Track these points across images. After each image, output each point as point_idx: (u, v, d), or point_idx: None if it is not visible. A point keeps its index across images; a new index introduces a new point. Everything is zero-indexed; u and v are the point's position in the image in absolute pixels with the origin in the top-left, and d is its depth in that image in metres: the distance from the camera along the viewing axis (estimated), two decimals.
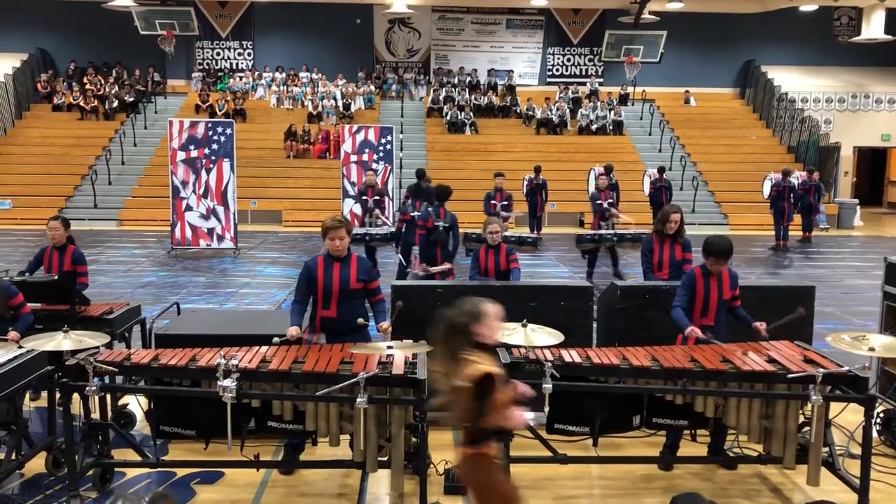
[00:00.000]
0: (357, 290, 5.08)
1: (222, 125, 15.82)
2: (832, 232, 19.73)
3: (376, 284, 5.20)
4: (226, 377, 4.21)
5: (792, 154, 23.34)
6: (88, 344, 4.48)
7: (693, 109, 26.10)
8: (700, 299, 5.16)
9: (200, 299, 10.77)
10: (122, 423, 5.68)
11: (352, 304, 5.08)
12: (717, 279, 5.16)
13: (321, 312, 5.07)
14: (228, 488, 4.98)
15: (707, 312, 5.17)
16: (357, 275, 5.07)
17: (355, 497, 4.88)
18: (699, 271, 5.22)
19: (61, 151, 22.44)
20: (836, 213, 21.02)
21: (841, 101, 25.91)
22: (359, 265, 5.12)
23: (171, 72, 26.37)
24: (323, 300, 5.06)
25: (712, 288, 5.16)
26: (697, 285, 5.17)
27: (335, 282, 5.01)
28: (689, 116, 25.51)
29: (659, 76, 26.02)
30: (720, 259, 5.10)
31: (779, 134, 24.53)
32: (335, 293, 5.02)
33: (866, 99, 25.93)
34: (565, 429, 4.89)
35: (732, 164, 22.89)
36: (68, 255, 6.60)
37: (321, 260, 5.11)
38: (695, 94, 26.42)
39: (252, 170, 20.84)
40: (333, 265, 5.05)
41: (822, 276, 12.87)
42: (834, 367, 4.52)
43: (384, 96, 26.22)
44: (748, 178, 21.38)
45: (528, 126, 24.64)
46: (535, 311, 5.52)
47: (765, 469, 5.28)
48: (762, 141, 24.55)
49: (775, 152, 23.75)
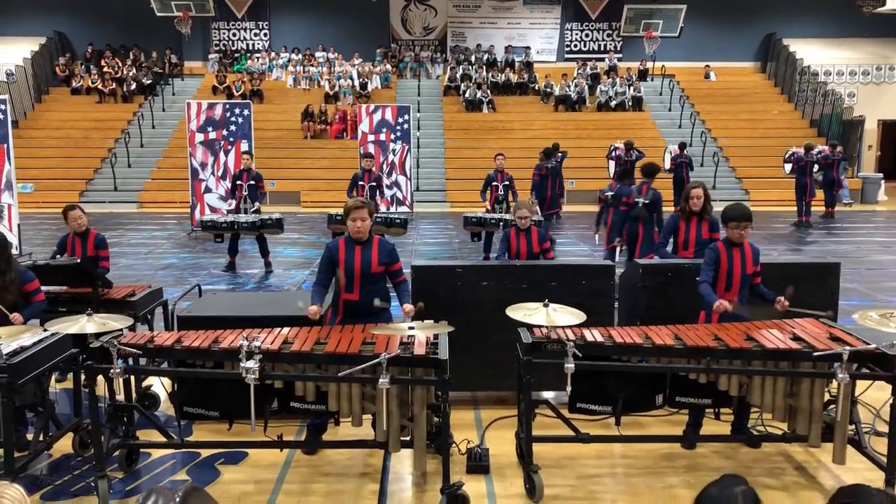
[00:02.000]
0: (379, 272, 5.07)
1: (240, 106, 15.84)
2: (856, 207, 19.48)
3: (398, 266, 5.18)
4: (248, 359, 4.22)
5: (814, 128, 23.02)
6: (112, 326, 4.51)
7: (713, 84, 25.77)
8: (724, 273, 5.10)
9: (221, 281, 10.83)
10: (147, 405, 5.74)
11: (374, 286, 5.07)
12: (741, 252, 5.09)
13: (344, 295, 5.07)
14: (252, 468, 5.02)
15: (731, 287, 5.11)
16: (379, 257, 5.05)
17: (378, 476, 4.90)
18: (722, 245, 5.16)
19: (81, 135, 22.58)
20: (860, 188, 20.75)
21: (865, 73, 25.49)
22: (380, 248, 5.10)
23: (187, 53, 26.40)
24: (346, 283, 5.05)
25: (735, 262, 5.09)
26: (722, 258, 5.11)
27: (357, 265, 5.00)
28: (710, 91, 25.19)
29: (678, 51, 25.69)
30: (741, 223, 5.03)
31: (801, 108, 24.18)
32: (357, 276, 5.01)
33: (891, 71, 25.50)
34: (587, 408, 4.86)
35: (753, 140, 22.62)
36: (90, 240, 6.66)
37: (342, 243, 5.09)
38: (715, 69, 26.07)
39: (270, 151, 20.87)
40: (355, 248, 5.04)
41: (846, 252, 12.72)
42: (861, 345, 4.46)
43: (401, 75, 26.10)
44: (769, 154, 21.13)
45: (547, 103, 24.45)
46: (556, 290, 5.50)
47: (789, 447, 5.24)
48: (784, 115, 24.22)
49: (797, 127, 23.43)
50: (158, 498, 1.46)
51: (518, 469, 4.91)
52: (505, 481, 4.80)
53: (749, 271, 5.13)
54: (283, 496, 4.64)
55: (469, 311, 5.74)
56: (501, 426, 5.54)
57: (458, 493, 4.35)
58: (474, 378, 5.84)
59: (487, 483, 4.78)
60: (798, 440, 4.83)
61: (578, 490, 4.72)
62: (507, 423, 5.51)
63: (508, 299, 4.95)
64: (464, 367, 5.27)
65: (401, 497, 4.68)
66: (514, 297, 5.11)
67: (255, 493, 4.68)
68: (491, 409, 5.86)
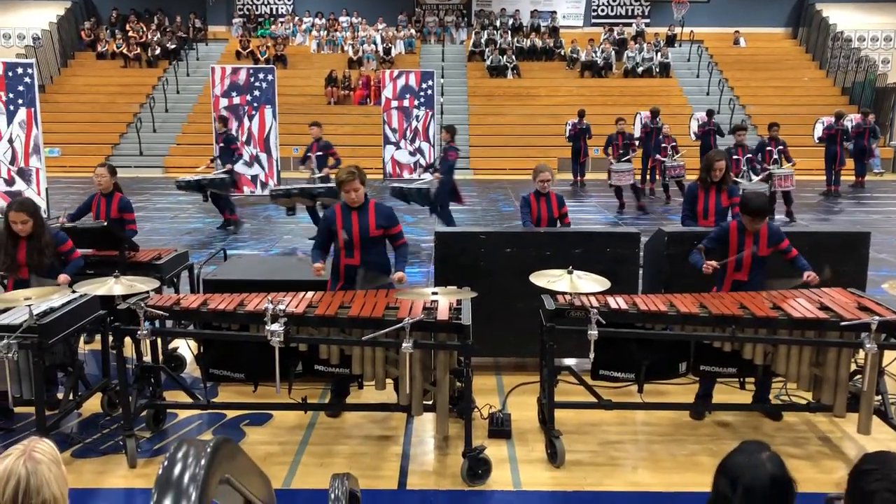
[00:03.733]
0: (377, 236, 5.09)
1: (264, 71, 15.81)
2: (887, 176, 19.13)
3: (397, 229, 5.19)
4: (273, 322, 4.26)
5: (846, 96, 22.55)
6: (139, 289, 4.56)
7: (743, 50, 25.27)
8: (733, 254, 5.03)
9: (245, 246, 10.91)
10: (173, 366, 5.83)
11: (374, 250, 5.11)
12: (754, 235, 5.01)
13: (345, 260, 5.09)
14: (277, 430, 5.08)
15: (740, 267, 5.04)
16: (376, 221, 5.06)
17: (401, 439, 4.95)
18: (735, 224, 5.06)
19: (107, 100, 22.69)
20: (892, 157, 20.35)
21: None
22: (377, 211, 5.11)
23: (211, 18, 26.33)
24: (345, 248, 5.07)
25: (747, 244, 4.99)
26: (731, 238, 5.03)
27: (355, 230, 5.02)
28: (739, 58, 24.71)
29: (707, 16, 25.20)
30: (756, 219, 4.91)
31: (832, 75, 23.67)
32: (356, 241, 5.03)
33: None
34: (610, 375, 4.86)
35: (783, 108, 22.19)
36: (115, 202, 6.70)
37: (339, 209, 5.12)
38: (745, 35, 25.54)
39: (293, 116, 20.83)
40: (351, 213, 5.06)
41: (875, 223, 12.51)
42: (890, 315, 4.40)
43: (424, 40, 25.87)
44: (799, 122, 20.72)
45: (572, 69, 24.14)
46: (580, 257, 5.48)
47: (813, 417, 5.21)
48: (815, 83, 23.73)
49: (829, 94, 22.97)
50: (190, 448, 1.48)
51: (540, 434, 4.93)
52: (526, 446, 4.83)
53: (763, 254, 5.00)
54: (306, 457, 4.70)
55: (492, 277, 5.73)
56: (523, 392, 5.56)
57: (480, 456, 4.39)
58: (497, 344, 5.85)
59: (509, 447, 4.81)
60: (823, 410, 4.80)
61: (599, 456, 4.74)
62: (529, 389, 5.53)
63: (532, 266, 4.94)
64: (486, 333, 5.28)
65: (423, 460, 4.73)
66: (537, 264, 5.10)
67: (280, 454, 4.74)
68: (513, 375, 5.88)
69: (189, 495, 1.39)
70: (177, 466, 1.45)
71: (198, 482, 1.41)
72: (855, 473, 1.94)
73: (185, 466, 1.44)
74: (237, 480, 1.60)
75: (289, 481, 4.42)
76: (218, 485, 1.54)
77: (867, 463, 1.94)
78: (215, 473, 1.48)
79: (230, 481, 1.57)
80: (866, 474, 1.89)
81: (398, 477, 4.49)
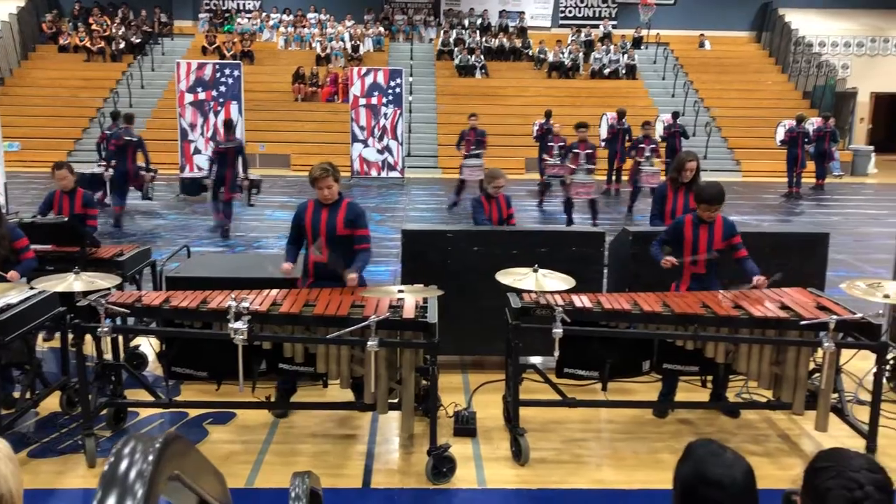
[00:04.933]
0: (345, 235, 5.00)
1: (230, 67, 15.66)
2: (846, 179, 19.52)
3: (362, 233, 5.06)
4: (237, 319, 4.21)
5: (807, 100, 22.94)
6: (99, 285, 4.49)
7: (707, 53, 25.59)
8: (688, 247, 5.09)
9: (210, 242, 10.79)
10: (135, 364, 5.74)
11: (342, 249, 4.99)
12: (709, 228, 5.06)
13: (314, 258, 5.04)
14: (240, 428, 5.04)
15: (696, 262, 5.11)
16: (345, 221, 4.99)
17: (366, 438, 4.93)
18: (690, 218, 5.13)
19: (69, 93, 22.27)
20: (851, 161, 20.76)
21: (860, 45, 25.36)
22: (347, 210, 5.03)
23: (177, 13, 25.97)
24: (314, 245, 5.03)
25: (702, 236, 5.06)
26: (685, 232, 5.09)
27: (322, 227, 4.97)
28: (704, 60, 25.02)
29: (673, 19, 25.47)
30: (712, 205, 4.98)
31: (794, 79, 24.07)
32: (323, 239, 4.98)
33: (885, 43, 25.36)
34: (575, 373, 4.90)
35: (746, 110, 22.54)
36: (78, 198, 6.60)
37: (311, 204, 5.08)
38: (710, 38, 25.86)
39: (260, 113, 20.66)
40: (322, 210, 5.02)
41: (835, 224, 12.77)
42: (847, 314, 4.49)
43: (393, 38, 25.81)
44: (762, 125, 21.07)
45: (540, 69, 24.25)
46: (546, 256, 5.50)
47: (773, 415, 5.30)
48: (777, 86, 24.11)
49: (790, 98, 23.35)
50: (138, 444, 1.44)
51: (504, 432, 4.95)
52: (491, 444, 4.84)
53: (718, 246, 5.07)
54: (270, 456, 4.67)
55: (459, 275, 5.74)
56: (489, 390, 5.57)
57: (445, 454, 4.39)
58: (463, 342, 5.86)
59: (474, 445, 4.82)
60: (782, 408, 4.88)
61: (564, 454, 4.77)
62: (494, 387, 5.54)
63: (498, 265, 4.95)
64: (453, 331, 5.28)
65: (388, 458, 4.72)
66: (504, 262, 5.11)
67: (243, 452, 4.70)
68: (479, 374, 5.89)
69: (135, 493, 1.35)
70: (123, 462, 1.41)
71: (145, 479, 1.38)
72: (810, 471, 1.96)
73: (131, 462, 1.40)
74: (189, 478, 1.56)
75: (252, 480, 4.39)
76: (168, 481, 1.51)
77: (822, 460, 1.96)
78: (164, 470, 1.44)
79: (181, 478, 1.54)
80: (821, 472, 1.92)
81: (362, 475, 4.47)
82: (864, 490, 1.83)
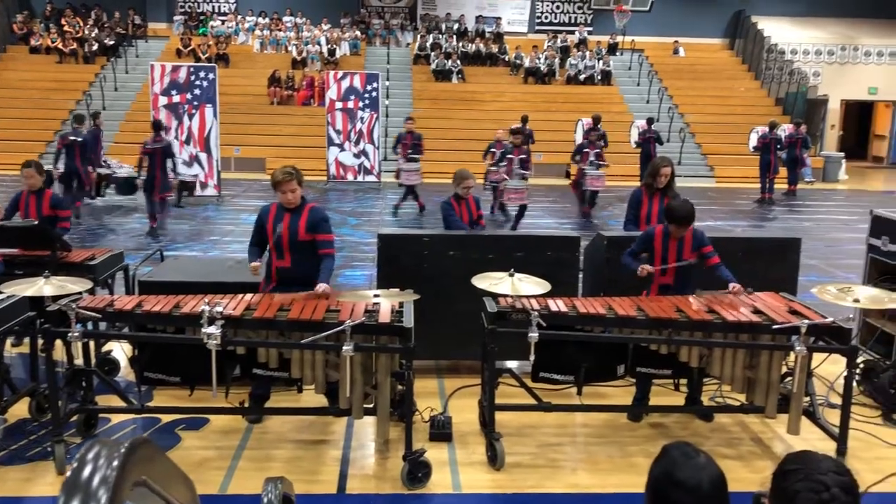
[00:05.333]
0: (307, 241, 4.96)
1: (205, 70, 15.53)
2: (817, 185, 19.78)
3: (326, 237, 5.02)
4: (210, 324, 4.18)
5: (780, 106, 23.23)
6: (70, 290, 4.42)
7: (682, 60, 25.85)
8: (658, 259, 5.14)
9: (184, 247, 10.68)
10: (106, 370, 5.67)
11: (306, 254, 4.95)
12: (678, 239, 5.11)
13: (276, 262, 5.00)
14: (213, 434, 4.99)
15: (665, 272, 5.15)
16: (307, 225, 4.95)
17: (340, 443, 4.90)
18: (660, 229, 5.17)
19: (40, 95, 21.97)
20: (822, 167, 21.05)
21: (830, 53, 25.74)
22: (310, 215, 4.98)
23: (151, 15, 25.74)
24: (276, 250, 4.98)
25: (671, 248, 5.11)
26: (655, 244, 5.14)
27: (284, 232, 4.93)
28: (678, 67, 25.26)
29: (648, 26, 25.68)
30: (682, 227, 5.02)
31: (767, 86, 24.38)
32: (285, 243, 4.94)
33: (855, 52, 25.76)
34: (550, 377, 4.91)
35: (720, 116, 22.77)
36: (46, 199, 6.47)
37: (274, 208, 5.02)
38: (684, 45, 26.13)
39: (235, 116, 20.51)
40: (284, 214, 4.96)
41: (806, 229, 12.92)
42: (818, 319, 4.55)
43: (370, 42, 25.77)
44: (735, 131, 21.29)
45: (516, 75, 24.34)
46: (522, 260, 5.51)
47: (746, 418, 5.35)
48: (750, 93, 24.40)
49: (763, 104, 23.64)
50: (102, 449, 1.41)
51: (480, 437, 4.95)
52: (467, 448, 4.84)
53: (687, 257, 5.11)
54: (244, 462, 4.62)
55: (435, 280, 5.73)
56: (465, 395, 5.57)
57: (421, 459, 4.37)
58: (439, 347, 5.85)
59: (450, 450, 4.81)
60: (755, 411, 4.93)
61: (539, 458, 4.77)
62: (470, 392, 5.54)
63: (475, 269, 4.96)
64: (429, 335, 5.26)
65: (363, 464, 4.69)
66: (480, 266, 5.11)
67: (216, 458, 4.65)
68: (455, 378, 5.88)
69: (98, 499, 1.32)
70: (87, 468, 1.38)
71: (109, 484, 1.35)
72: (778, 474, 1.97)
73: (95, 468, 1.37)
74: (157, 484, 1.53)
75: (225, 486, 4.34)
76: (134, 487, 1.48)
77: (790, 463, 1.98)
78: (129, 475, 1.41)
79: (147, 484, 1.51)
80: (789, 474, 1.93)
81: (337, 481, 4.44)
82: (831, 492, 1.85)
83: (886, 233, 6.05)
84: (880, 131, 26.70)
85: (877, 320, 6.09)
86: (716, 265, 5.12)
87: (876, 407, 5.55)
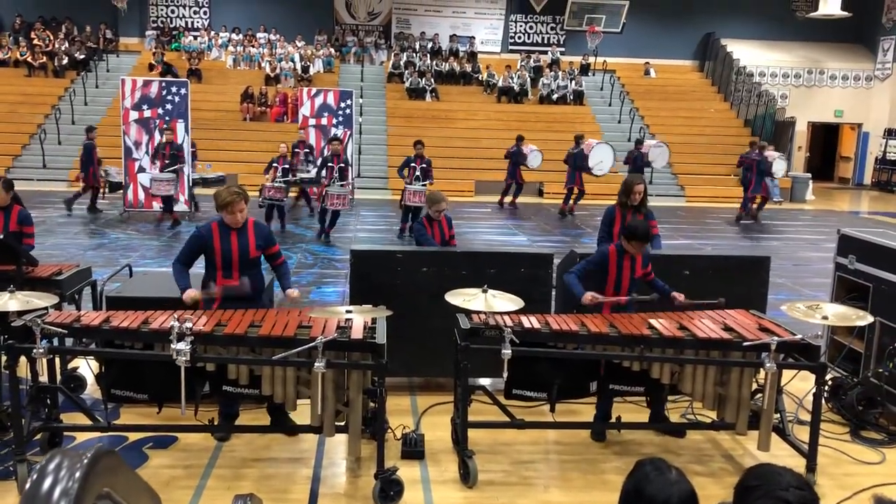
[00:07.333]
0: (257, 257, 5.00)
1: (177, 85, 15.43)
2: (785, 205, 20.07)
3: (275, 249, 5.09)
4: (179, 340, 4.11)
5: (748, 127, 23.61)
6: (36, 305, 4.34)
7: (653, 81, 26.20)
8: (612, 278, 5.20)
9: (153, 262, 10.56)
10: (72, 387, 5.56)
11: (253, 271, 5.01)
12: (631, 259, 5.20)
13: (222, 281, 4.93)
14: (182, 453, 4.90)
15: (620, 289, 5.22)
16: (256, 242, 4.96)
17: (311, 462, 4.84)
18: (614, 249, 5.24)
19: (8, 109, 21.68)
20: (790, 187, 21.38)
21: (797, 76, 26.24)
22: (256, 231, 4.99)
23: (123, 29, 25.57)
24: (223, 269, 4.92)
25: (625, 267, 5.20)
26: (610, 264, 5.21)
27: (234, 250, 4.89)
28: (649, 88, 25.60)
29: (620, 47, 26.03)
30: (642, 244, 5.16)
31: (736, 107, 24.78)
32: (235, 262, 4.90)
33: (821, 75, 26.29)
34: (523, 394, 4.90)
35: (690, 137, 23.08)
36: (14, 215, 6.36)
37: (216, 227, 4.94)
38: (655, 66, 26.50)
39: (207, 132, 20.39)
40: (230, 233, 4.92)
41: (775, 248, 13.09)
42: (788, 336, 4.59)
43: (344, 60, 25.80)
44: (705, 151, 21.59)
45: (489, 94, 24.50)
46: (495, 277, 5.51)
47: (717, 435, 5.38)
48: (720, 114, 24.78)
49: (732, 125, 24.01)
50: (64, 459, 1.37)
51: (453, 454, 4.92)
52: (439, 466, 4.80)
53: (638, 274, 5.23)
54: (213, 481, 4.55)
55: (408, 296, 5.71)
56: (437, 412, 5.53)
57: (392, 478, 4.33)
58: (412, 363, 5.82)
59: (422, 468, 4.77)
60: (726, 428, 4.96)
61: (512, 475, 4.75)
62: (443, 409, 5.51)
63: (448, 285, 4.94)
64: (401, 352, 5.24)
65: (334, 482, 4.64)
66: (453, 283, 5.10)
67: (185, 477, 4.57)
68: (427, 395, 5.85)
69: None
70: (47, 480, 1.32)
71: (70, 497, 1.30)
72: (739, 490, 1.98)
73: (56, 480, 1.32)
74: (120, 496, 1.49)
75: None
76: (97, 500, 1.43)
77: (750, 479, 1.99)
78: (92, 487, 1.36)
79: (111, 496, 1.46)
80: (750, 490, 1.94)
81: (308, 500, 4.39)
82: None
83: (853, 251, 6.15)
84: (846, 153, 27.20)
85: (844, 338, 6.17)
86: (653, 280, 5.32)
87: (844, 424, 5.61)
